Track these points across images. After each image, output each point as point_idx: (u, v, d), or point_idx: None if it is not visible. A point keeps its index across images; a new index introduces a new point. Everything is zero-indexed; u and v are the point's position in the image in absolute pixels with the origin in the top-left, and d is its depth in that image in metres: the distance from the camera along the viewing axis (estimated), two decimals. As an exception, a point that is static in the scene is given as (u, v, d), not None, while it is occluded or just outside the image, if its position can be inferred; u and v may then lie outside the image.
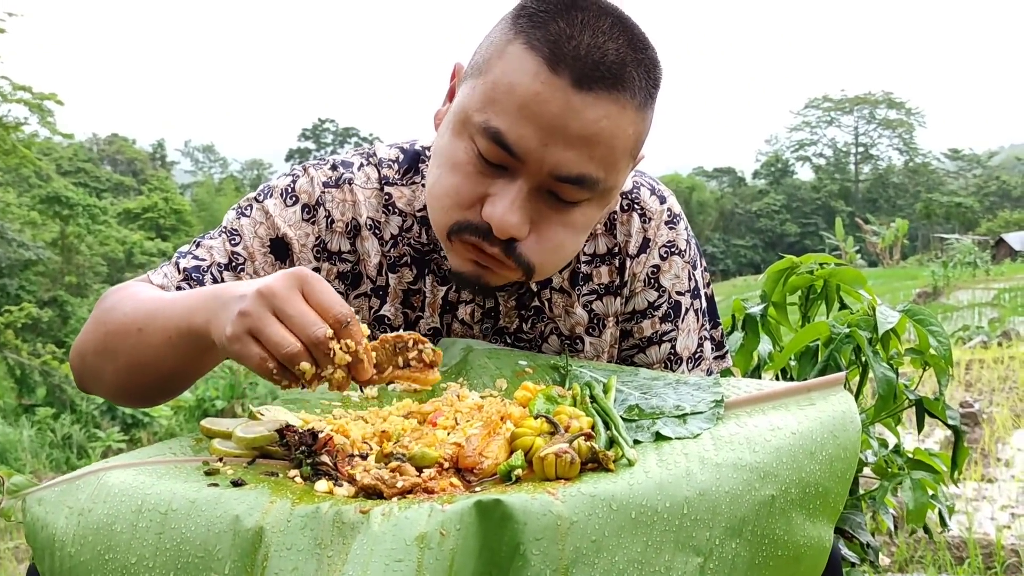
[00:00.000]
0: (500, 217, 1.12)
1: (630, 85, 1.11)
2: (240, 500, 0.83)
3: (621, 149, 1.14)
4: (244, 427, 1.00)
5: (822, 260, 1.90)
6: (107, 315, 1.17)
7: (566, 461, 0.85)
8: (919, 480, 1.78)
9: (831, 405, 0.95)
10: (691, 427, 0.95)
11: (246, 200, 1.34)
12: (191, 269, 1.26)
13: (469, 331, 1.36)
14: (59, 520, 0.89)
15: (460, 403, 1.09)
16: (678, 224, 1.39)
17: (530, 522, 0.76)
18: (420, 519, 0.77)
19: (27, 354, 14.79)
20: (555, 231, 1.17)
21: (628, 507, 0.80)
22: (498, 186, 1.14)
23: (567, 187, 1.13)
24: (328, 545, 0.77)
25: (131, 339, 1.12)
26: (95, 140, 54.42)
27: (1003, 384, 7.40)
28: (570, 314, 1.37)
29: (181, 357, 1.09)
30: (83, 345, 1.20)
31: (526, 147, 1.10)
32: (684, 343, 1.40)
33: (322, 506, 0.81)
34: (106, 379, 1.18)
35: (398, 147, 1.39)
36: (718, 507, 0.82)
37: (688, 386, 1.08)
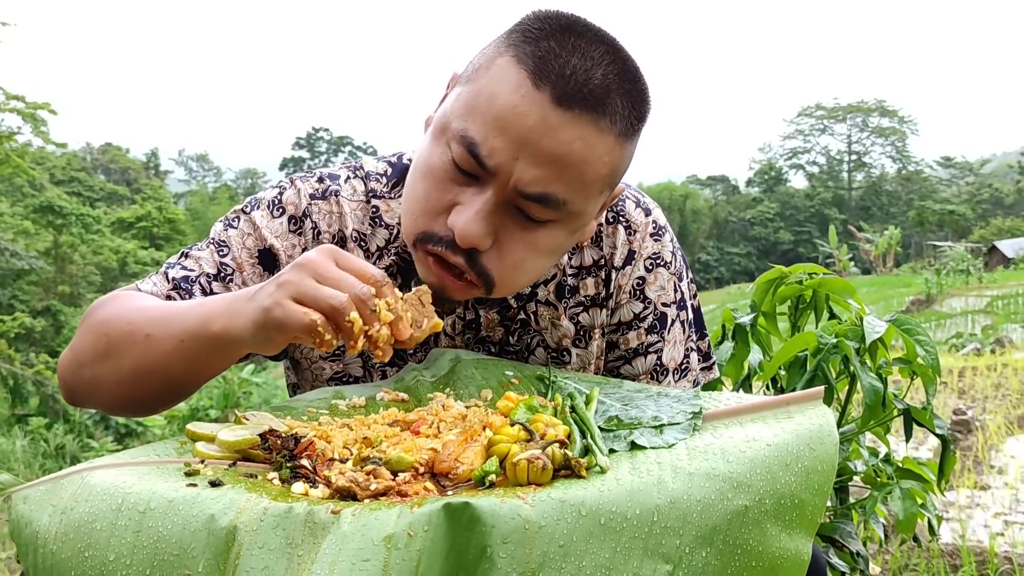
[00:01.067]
0: (462, 226, 1.12)
1: (611, 111, 1.11)
2: (216, 500, 0.84)
3: (593, 174, 1.13)
4: (227, 430, 1.01)
5: (811, 270, 1.91)
6: (107, 324, 1.17)
7: (538, 467, 0.86)
8: (908, 489, 1.79)
9: (808, 419, 0.95)
10: (667, 437, 0.95)
11: (233, 212, 1.35)
12: (180, 279, 1.27)
13: (452, 343, 1.36)
14: (43, 518, 0.90)
15: (444, 412, 1.10)
16: (663, 236, 1.40)
17: (498, 525, 0.77)
18: (389, 520, 0.78)
19: (20, 364, 14.74)
20: (517, 248, 1.17)
21: (597, 513, 0.80)
22: (467, 195, 1.14)
23: (532, 205, 1.13)
24: (299, 544, 0.78)
25: (138, 345, 1.11)
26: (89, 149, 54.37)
27: (996, 391, 7.42)
28: (556, 326, 1.37)
29: (192, 361, 1.10)
30: (78, 356, 1.19)
31: (497, 159, 1.10)
32: (670, 354, 1.41)
33: (295, 506, 0.81)
34: (106, 388, 1.18)
35: (386, 161, 1.40)
36: (689, 515, 0.82)
37: (668, 398, 1.08)
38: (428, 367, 1.31)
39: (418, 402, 1.21)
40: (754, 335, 1.95)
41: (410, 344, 1.02)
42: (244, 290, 1.06)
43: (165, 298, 1.25)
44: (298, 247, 1.32)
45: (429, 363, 1.32)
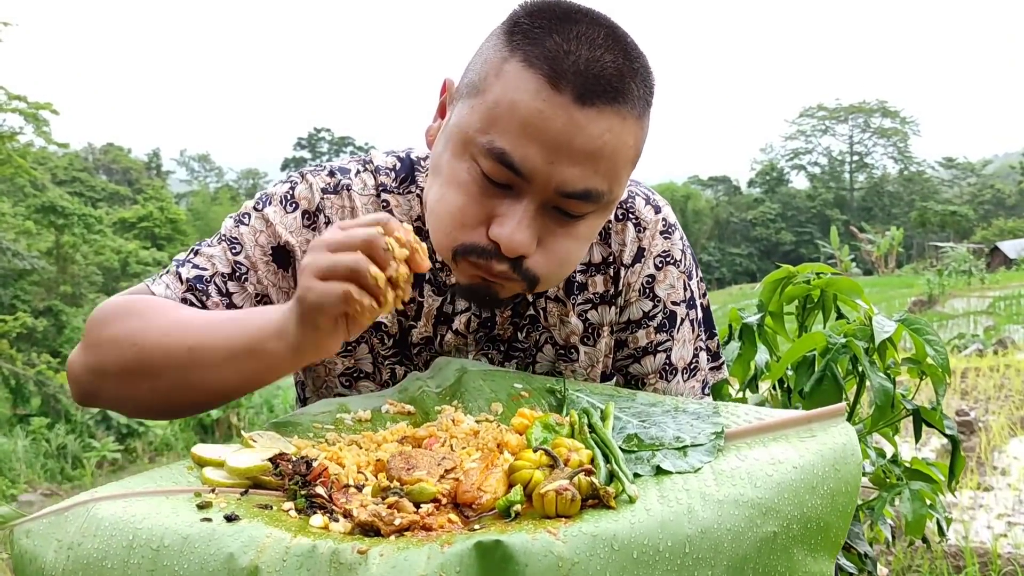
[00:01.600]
0: (508, 237, 1.12)
1: (630, 96, 1.11)
2: (234, 537, 0.81)
3: (623, 160, 1.13)
4: (236, 455, 0.98)
5: (819, 270, 1.90)
6: (134, 335, 1.15)
7: (567, 499, 0.84)
8: (917, 491, 1.78)
9: (832, 437, 0.94)
10: (691, 460, 0.93)
11: (244, 208, 1.33)
12: (194, 280, 1.25)
13: (463, 340, 1.35)
14: (48, 553, 0.87)
15: (455, 428, 1.08)
16: (673, 234, 1.39)
17: (531, 563, 0.75)
18: (419, 561, 0.76)
19: (22, 364, 14.74)
20: (561, 244, 1.17)
21: (630, 547, 0.79)
22: (504, 206, 1.13)
23: (573, 202, 1.12)
24: None
25: (180, 358, 1.10)
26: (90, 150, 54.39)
27: (999, 392, 7.41)
28: (565, 323, 1.36)
29: (243, 375, 1.09)
30: (103, 366, 1.17)
31: (532, 166, 1.09)
32: (679, 353, 1.40)
33: (318, 544, 0.79)
34: (139, 399, 1.17)
35: (395, 155, 1.38)
36: (720, 545, 0.81)
37: (687, 415, 1.06)
38: (433, 376, 1.28)
39: (425, 415, 1.19)
40: (761, 335, 1.94)
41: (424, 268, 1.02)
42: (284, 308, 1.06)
43: (181, 300, 1.24)
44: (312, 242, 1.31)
45: (434, 372, 1.30)
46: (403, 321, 1.35)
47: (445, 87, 1.24)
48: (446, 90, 1.24)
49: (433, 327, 1.35)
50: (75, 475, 12.01)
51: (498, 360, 1.37)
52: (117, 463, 12.72)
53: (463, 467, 0.95)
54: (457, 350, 1.35)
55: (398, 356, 1.36)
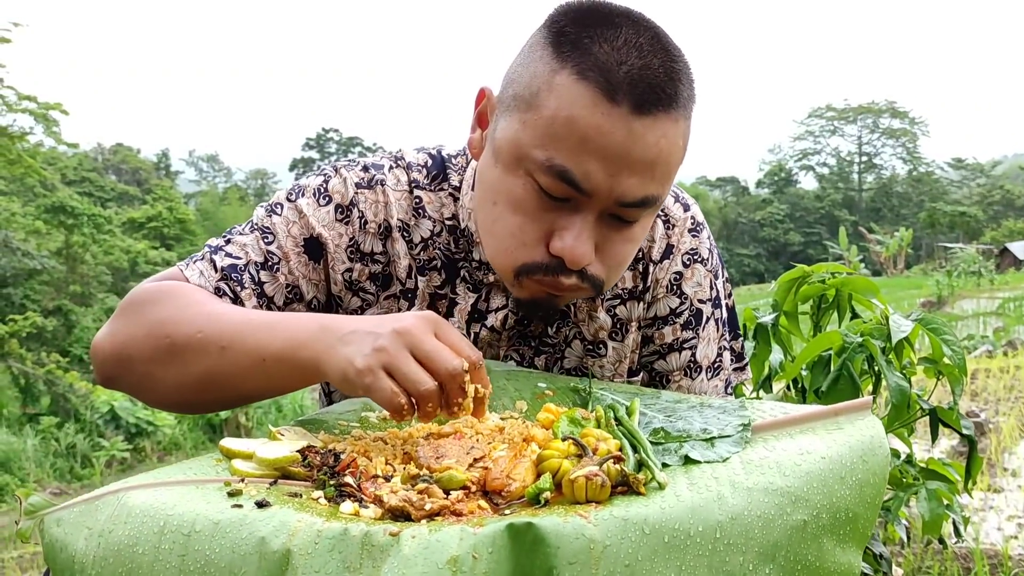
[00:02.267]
0: (571, 250, 1.12)
1: (680, 99, 1.11)
2: (265, 522, 0.81)
3: (676, 162, 1.14)
4: (265, 447, 0.98)
5: (834, 269, 1.90)
6: (167, 325, 1.14)
7: (597, 484, 0.84)
8: (934, 490, 1.77)
9: (859, 430, 0.94)
10: (719, 450, 0.94)
11: (276, 199, 1.33)
12: (228, 268, 1.25)
13: (496, 336, 1.35)
14: (78, 542, 0.87)
15: (481, 424, 1.08)
16: (701, 233, 1.40)
17: (563, 546, 0.75)
18: (451, 542, 0.76)
19: (31, 363, 14.79)
20: (618, 250, 1.17)
21: (661, 531, 0.79)
22: (563, 219, 1.13)
23: (631, 210, 1.13)
24: (357, 568, 0.76)
25: (211, 356, 1.11)
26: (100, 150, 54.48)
27: (1009, 394, 7.38)
28: (593, 319, 1.37)
29: (270, 381, 1.10)
30: (130, 349, 1.16)
31: (595, 182, 1.09)
32: (704, 352, 1.40)
33: (350, 527, 0.79)
34: (162, 388, 1.16)
35: (426, 152, 1.38)
36: (751, 532, 0.81)
37: (713, 409, 1.06)
38: None
39: None
40: (775, 335, 1.94)
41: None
42: (332, 321, 1.06)
43: (215, 289, 1.24)
44: (345, 236, 1.30)
45: None
46: None
47: (483, 96, 1.23)
48: (483, 99, 1.23)
49: (467, 324, 1.35)
50: (84, 474, 12.05)
51: (529, 356, 1.37)
52: (126, 462, 12.76)
53: (492, 456, 0.96)
54: (489, 346, 1.35)
55: None
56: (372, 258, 1.33)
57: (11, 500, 10.37)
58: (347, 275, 1.32)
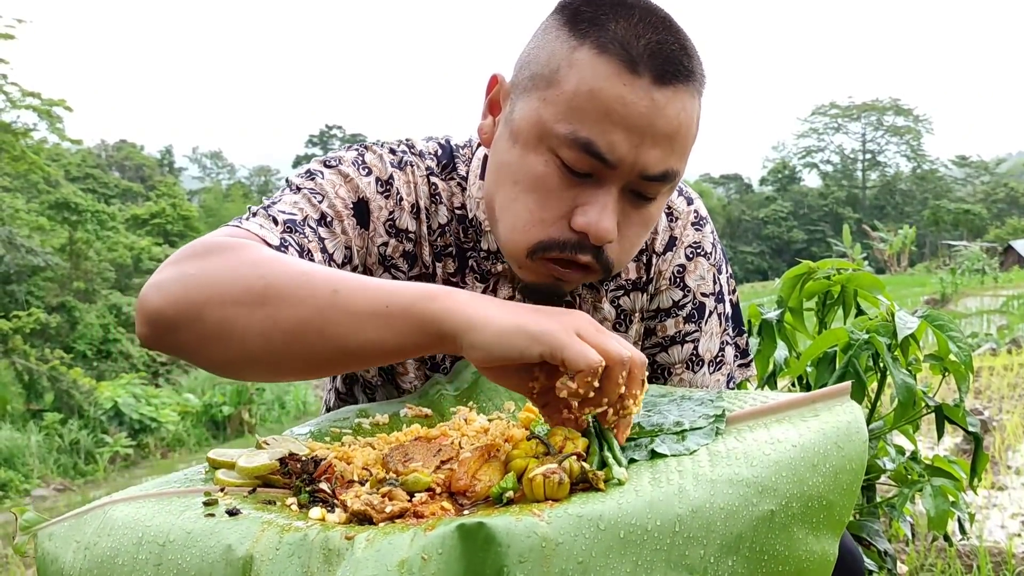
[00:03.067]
0: (596, 224, 1.11)
1: (697, 74, 1.12)
2: (233, 529, 0.83)
3: (692, 137, 1.15)
4: (247, 457, 0.99)
5: (839, 265, 1.90)
6: (261, 266, 0.98)
7: (554, 482, 0.84)
8: (940, 487, 1.77)
9: (835, 416, 0.92)
10: (688, 443, 0.92)
11: (311, 166, 1.28)
12: (289, 221, 1.16)
13: None
14: (67, 554, 0.90)
15: (467, 426, 1.08)
16: (704, 227, 1.40)
17: (513, 544, 0.75)
18: (403, 544, 0.76)
19: (35, 359, 14.82)
20: (635, 228, 1.17)
21: (616, 527, 0.78)
22: (586, 195, 1.12)
23: (653, 184, 1.12)
24: (315, 572, 0.77)
25: (318, 299, 0.94)
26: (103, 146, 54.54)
27: (1012, 391, 7.37)
28: (597, 310, 1.37)
29: (389, 333, 0.94)
30: (208, 291, 0.98)
31: (619, 153, 1.08)
32: (706, 345, 1.40)
33: (310, 532, 0.80)
34: (240, 336, 0.97)
35: (435, 141, 1.38)
36: (712, 524, 0.80)
37: (691, 401, 1.05)
38: (452, 380, 1.29)
39: (441, 417, 1.19)
40: (780, 331, 1.94)
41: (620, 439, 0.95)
42: (469, 293, 0.94)
43: (280, 241, 1.12)
44: (385, 209, 1.28)
45: (453, 376, 1.30)
46: None
47: (495, 83, 1.23)
48: (495, 85, 1.23)
49: None
50: (88, 470, 12.08)
51: None
52: (130, 459, 12.78)
53: (459, 457, 0.95)
54: None
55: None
56: (406, 235, 1.31)
57: (14, 497, 10.40)
58: (383, 248, 1.29)
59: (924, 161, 73.88)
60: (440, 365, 1.36)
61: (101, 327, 20.97)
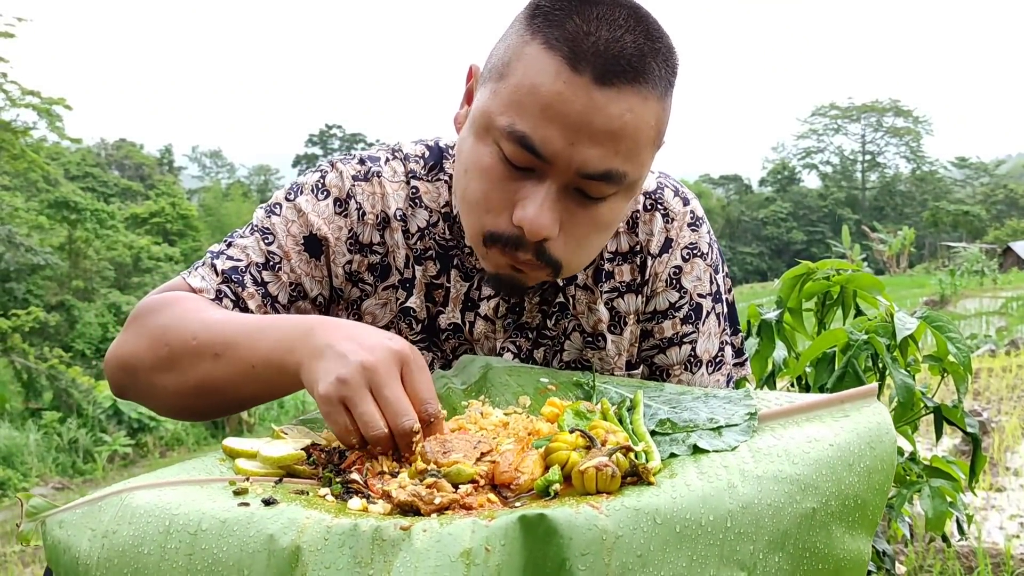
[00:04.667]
0: (531, 220, 1.12)
1: (651, 76, 1.11)
2: (273, 519, 0.80)
3: (645, 141, 1.14)
4: (269, 446, 0.98)
5: (838, 266, 1.89)
6: (167, 333, 1.18)
7: (607, 475, 0.84)
8: (938, 488, 1.77)
9: (865, 417, 0.94)
10: (727, 439, 0.93)
11: (275, 199, 1.34)
12: (229, 271, 1.27)
13: (491, 326, 1.35)
14: (82, 543, 0.87)
15: (484, 420, 1.08)
16: (701, 227, 1.39)
17: (575, 536, 0.75)
18: (463, 535, 0.76)
19: (34, 358, 14.82)
20: (582, 229, 1.17)
21: (673, 521, 0.79)
22: (527, 189, 1.14)
23: (594, 184, 1.13)
24: (368, 563, 0.76)
25: (205, 363, 1.13)
26: (103, 145, 54.43)
27: (1011, 393, 7.37)
28: (593, 311, 1.37)
29: (263, 387, 1.12)
30: (134, 359, 1.20)
31: (552, 149, 1.09)
32: (704, 346, 1.40)
33: (360, 523, 0.79)
34: (164, 396, 1.20)
35: (423, 144, 1.39)
36: (761, 520, 0.81)
37: (718, 399, 1.06)
38: (457, 374, 1.28)
39: (452, 410, 1.18)
40: (779, 331, 1.93)
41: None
42: (319, 324, 1.07)
43: (215, 293, 1.26)
44: (344, 229, 1.31)
45: (458, 370, 1.29)
46: (431, 307, 1.35)
47: (471, 73, 1.25)
48: (472, 76, 1.25)
49: (461, 313, 1.35)
50: (86, 469, 12.08)
51: (526, 348, 1.37)
52: (128, 457, 12.78)
53: (499, 450, 0.96)
54: (486, 337, 1.35)
55: (426, 343, 1.36)
56: (371, 249, 1.34)
57: (13, 495, 10.39)
58: (347, 267, 1.33)
59: (923, 162, 73.83)
60: (431, 366, 1.36)
61: (100, 326, 20.98)
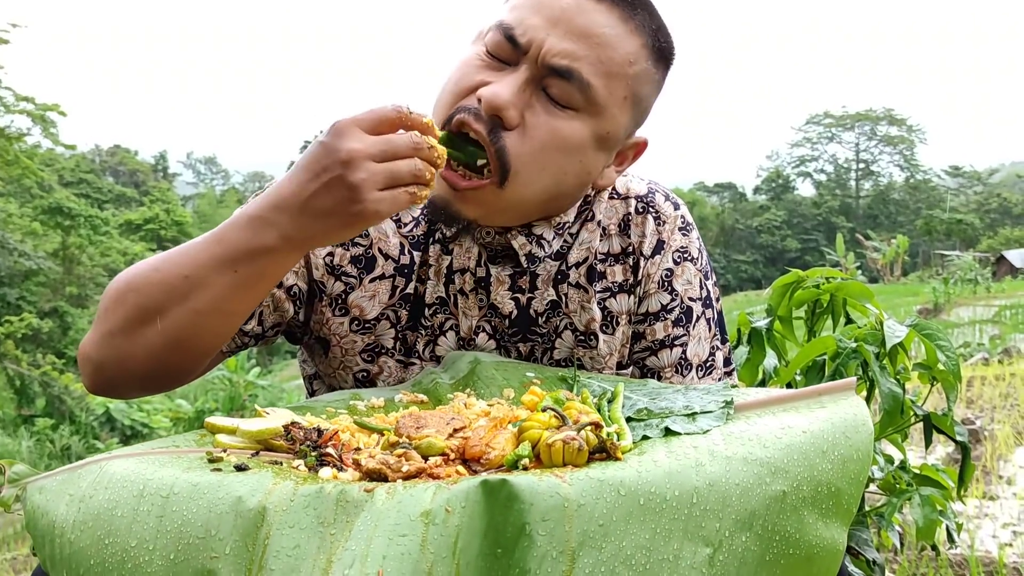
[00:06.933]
0: (491, 91, 1.18)
1: (640, 20, 1.22)
2: (243, 482, 0.82)
3: (619, 66, 1.21)
4: (249, 422, 0.99)
5: (828, 274, 1.90)
6: (130, 282, 1.15)
7: (574, 448, 0.85)
8: (928, 496, 1.77)
9: (842, 408, 0.94)
10: (700, 424, 0.94)
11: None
12: None
13: (466, 300, 1.35)
14: (59, 507, 0.88)
15: (467, 411, 1.09)
16: (690, 232, 1.41)
17: (536, 503, 0.76)
18: (425, 497, 0.77)
19: (27, 365, 14.79)
20: (540, 132, 1.21)
21: (636, 493, 0.79)
22: (498, 76, 1.20)
23: (560, 83, 1.19)
24: (331, 523, 0.77)
25: (178, 288, 1.10)
26: (97, 151, 54.46)
27: (1004, 401, 7.37)
28: (586, 310, 1.38)
29: (245, 287, 1.10)
30: (106, 329, 1.15)
31: (530, 36, 1.18)
32: (695, 350, 1.41)
33: (325, 486, 0.80)
34: (144, 354, 1.14)
35: None
36: (728, 499, 0.81)
37: (697, 391, 1.07)
38: (446, 369, 1.29)
39: (438, 402, 1.19)
40: (770, 339, 1.94)
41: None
42: (266, 202, 1.07)
43: None
44: None
45: (446, 366, 1.31)
46: (419, 286, 1.36)
47: None
48: None
49: (445, 287, 1.36)
50: (79, 476, 12.05)
51: (504, 331, 1.37)
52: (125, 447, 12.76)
53: (472, 427, 0.97)
54: (463, 314, 1.36)
55: (411, 321, 1.36)
56: (352, 242, 1.35)
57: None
58: (328, 259, 1.35)
59: (917, 171, 74.00)
60: (414, 348, 1.37)
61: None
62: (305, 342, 1.44)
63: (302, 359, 1.49)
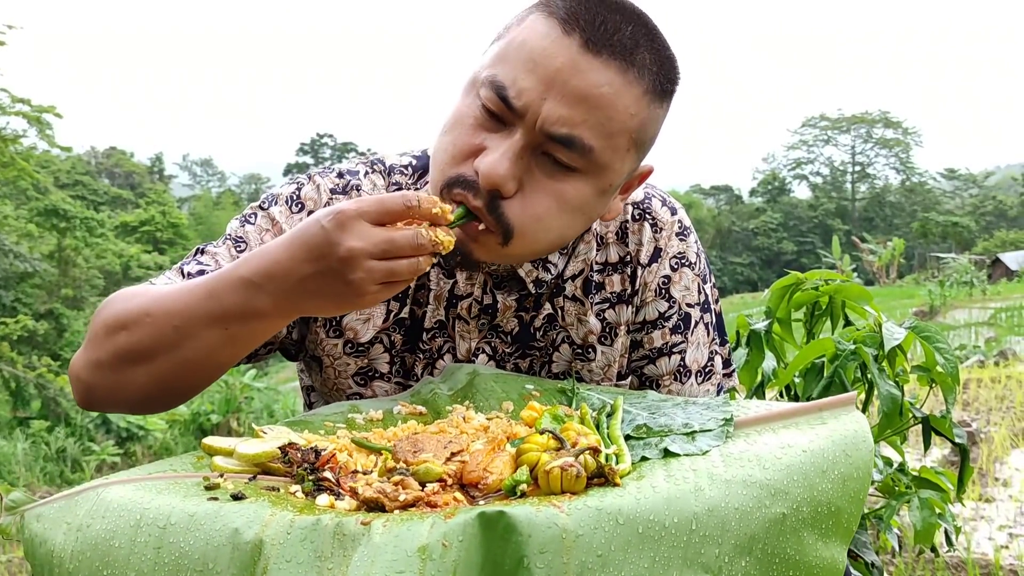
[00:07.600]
0: (488, 165, 1.13)
1: (640, 64, 1.13)
2: (239, 513, 0.81)
3: (619, 124, 1.14)
4: (246, 444, 0.98)
5: (827, 276, 1.90)
6: (120, 326, 1.13)
7: (572, 475, 0.84)
8: (926, 499, 1.77)
9: (843, 424, 0.93)
10: (700, 444, 0.93)
11: (250, 209, 1.33)
12: (196, 275, 1.24)
13: (466, 326, 1.34)
14: (57, 536, 0.88)
15: (465, 424, 1.08)
16: (688, 237, 1.40)
17: (534, 534, 0.75)
18: (422, 530, 0.76)
19: (22, 367, 14.73)
20: (541, 198, 1.16)
21: (635, 521, 0.78)
22: (495, 140, 1.15)
23: (559, 148, 1.13)
24: (328, 557, 0.76)
25: (168, 338, 1.09)
26: (93, 153, 54.35)
27: (1000, 404, 7.39)
28: (583, 322, 1.37)
29: (235, 343, 1.09)
30: (96, 358, 1.15)
31: (525, 99, 1.11)
32: (693, 356, 1.40)
33: (323, 518, 0.79)
34: (133, 388, 1.14)
35: (410, 155, 1.39)
36: (727, 524, 0.80)
37: (697, 406, 1.06)
38: (444, 381, 1.28)
39: (436, 415, 1.19)
40: (768, 342, 1.94)
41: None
42: (269, 266, 1.04)
43: None
44: None
45: (445, 377, 1.30)
46: (416, 310, 1.35)
47: None
48: None
49: (445, 311, 1.34)
50: (74, 478, 12.00)
51: (504, 351, 1.36)
52: (116, 467, 12.70)
53: (469, 450, 0.96)
54: (461, 337, 1.35)
55: (409, 344, 1.35)
56: None
57: None
58: None
59: (913, 173, 74.05)
60: (412, 371, 1.36)
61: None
62: (301, 358, 1.43)
63: (300, 368, 1.48)
